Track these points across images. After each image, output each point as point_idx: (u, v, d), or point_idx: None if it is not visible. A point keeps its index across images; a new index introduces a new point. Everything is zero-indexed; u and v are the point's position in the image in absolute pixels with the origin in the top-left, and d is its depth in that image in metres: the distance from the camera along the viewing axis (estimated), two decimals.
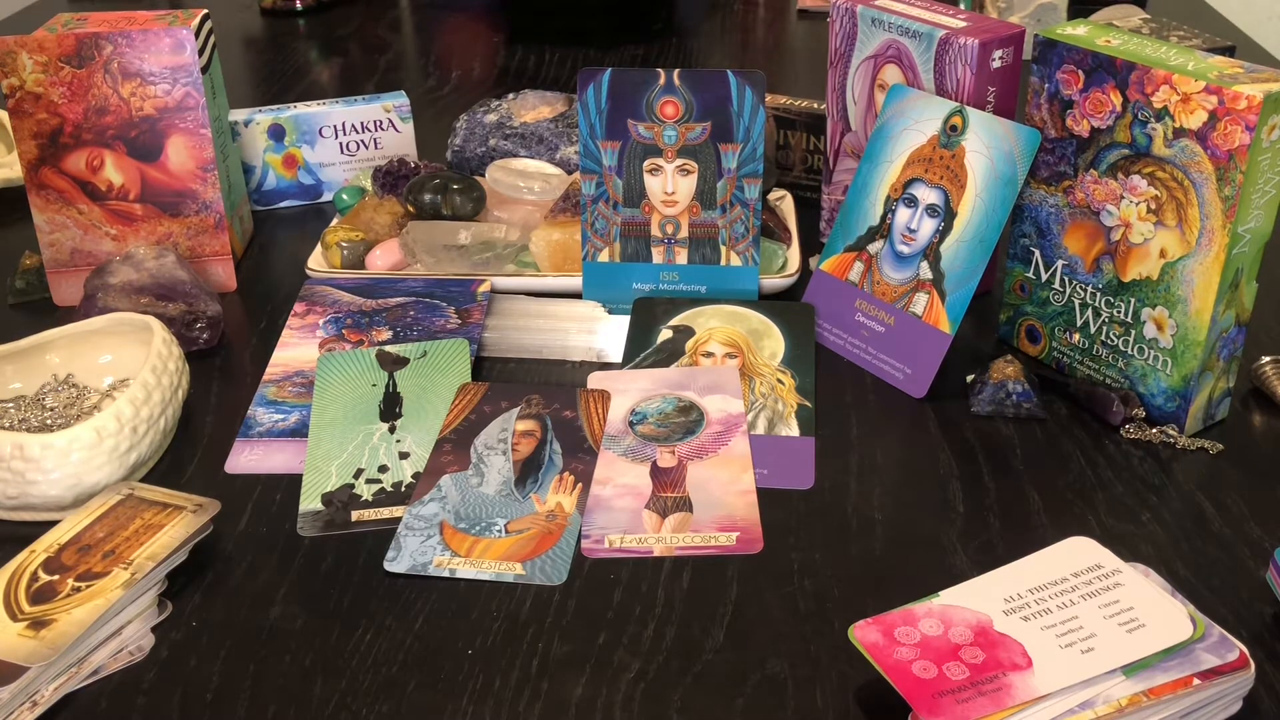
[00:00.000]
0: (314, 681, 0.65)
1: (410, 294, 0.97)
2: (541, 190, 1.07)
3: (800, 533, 0.75)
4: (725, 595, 0.70)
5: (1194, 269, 0.79)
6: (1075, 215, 0.86)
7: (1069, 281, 0.88)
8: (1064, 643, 0.59)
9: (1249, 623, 0.68)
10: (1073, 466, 0.81)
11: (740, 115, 0.95)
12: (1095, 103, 0.83)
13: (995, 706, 0.56)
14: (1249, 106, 0.74)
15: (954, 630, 0.60)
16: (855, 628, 0.61)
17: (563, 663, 0.66)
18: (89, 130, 1.00)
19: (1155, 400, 0.85)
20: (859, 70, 1.01)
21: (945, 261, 0.89)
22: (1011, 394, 0.85)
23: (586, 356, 0.94)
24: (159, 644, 0.68)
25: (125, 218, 1.03)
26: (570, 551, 0.73)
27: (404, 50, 1.73)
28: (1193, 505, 0.78)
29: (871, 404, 0.88)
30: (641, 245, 0.98)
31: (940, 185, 0.90)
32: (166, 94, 1.00)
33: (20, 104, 0.99)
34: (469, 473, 0.80)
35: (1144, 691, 0.57)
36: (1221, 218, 0.77)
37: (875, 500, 0.78)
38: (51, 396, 0.86)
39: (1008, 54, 0.92)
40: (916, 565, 0.73)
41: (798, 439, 0.84)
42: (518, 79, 1.57)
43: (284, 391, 0.89)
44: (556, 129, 1.18)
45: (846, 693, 0.64)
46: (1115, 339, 0.86)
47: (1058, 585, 0.63)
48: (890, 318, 0.91)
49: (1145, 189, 0.81)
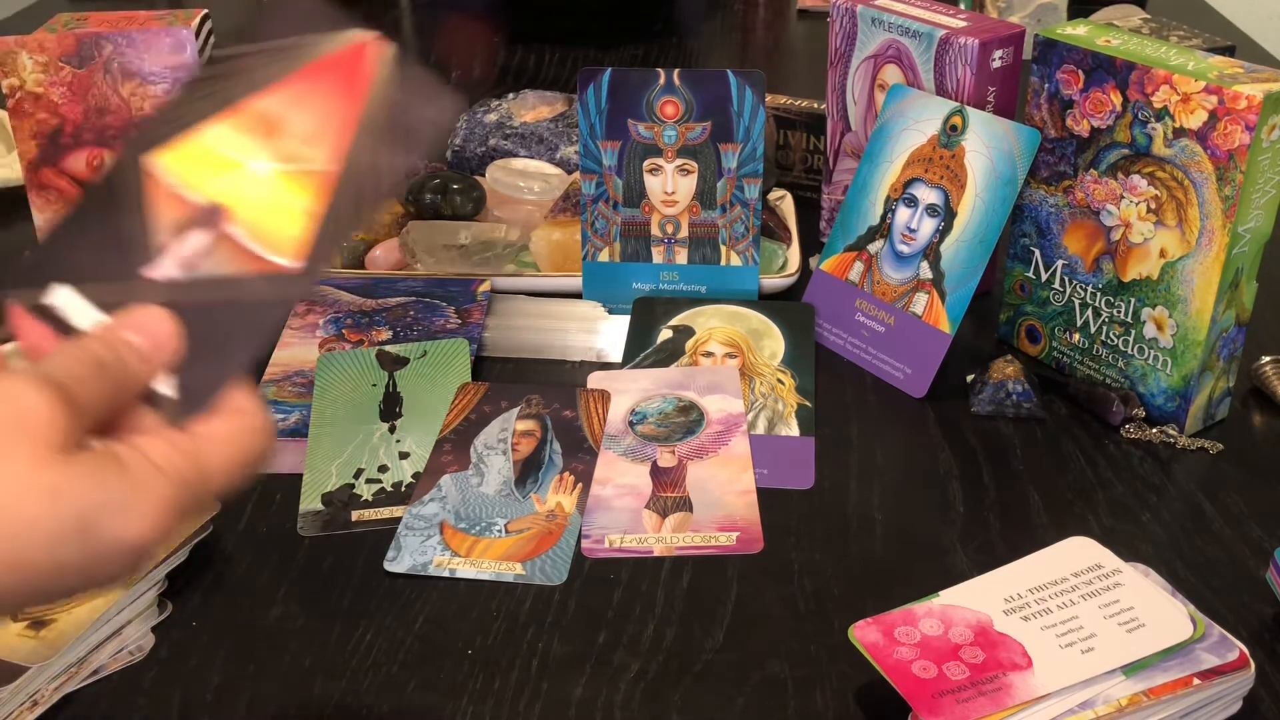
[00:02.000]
0: (314, 681, 0.65)
1: (410, 294, 0.97)
2: (541, 190, 1.07)
3: (800, 533, 0.75)
4: (725, 595, 0.70)
5: (1194, 269, 0.79)
6: (1075, 215, 0.86)
7: (1069, 281, 0.88)
8: (1064, 642, 0.59)
9: (1249, 623, 0.68)
10: (1073, 466, 0.81)
11: (740, 115, 0.95)
12: (1095, 102, 0.83)
13: (995, 706, 0.56)
14: (1249, 106, 0.74)
15: (954, 630, 0.60)
16: (855, 628, 0.61)
17: (563, 663, 0.66)
18: (89, 130, 1.00)
19: (1155, 400, 0.85)
20: (859, 70, 1.01)
21: (945, 261, 0.89)
22: (1011, 394, 0.85)
23: (586, 356, 0.94)
24: (159, 644, 0.68)
25: None
26: (570, 551, 0.73)
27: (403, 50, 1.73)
28: (1193, 505, 0.78)
29: (871, 404, 0.88)
30: (641, 245, 0.98)
31: (940, 185, 0.90)
32: (167, 94, 1.00)
33: (20, 104, 0.99)
34: (469, 473, 0.80)
35: (1144, 691, 0.57)
36: (1221, 217, 0.77)
37: (875, 500, 0.78)
38: None
39: (1008, 54, 0.92)
40: (916, 565, 0.73)
41: (798, 439, 0.84)
42: (517, 79, 1.57)
43: (284, 391, 0.89)
44: (556, 129, 1.18)
45: (846, 693, 0.64)
46: (1115, 339, 0.86)
47: (1058, 585, 0.63)
48: (890, 317, 0.91)
49: (1145, 189, 0.81)
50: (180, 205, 0.46)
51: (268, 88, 0.47)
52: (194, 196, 0.46)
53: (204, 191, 0.46)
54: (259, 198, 0.46)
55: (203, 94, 0.47)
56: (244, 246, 0.46)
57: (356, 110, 0.47)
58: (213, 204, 0.46)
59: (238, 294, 0.45)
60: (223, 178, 0.46)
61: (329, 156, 0.47)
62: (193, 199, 0.46)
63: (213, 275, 0.45)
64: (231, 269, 0.46)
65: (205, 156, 0.47)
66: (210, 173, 0.46)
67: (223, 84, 0.47)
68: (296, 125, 0.47)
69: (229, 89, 0.47)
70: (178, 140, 0.47)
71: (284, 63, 0.48)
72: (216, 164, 0.47)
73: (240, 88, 0.47)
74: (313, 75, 0.48)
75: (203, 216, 0.46)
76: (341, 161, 0.47)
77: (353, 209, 0.46)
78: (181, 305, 0.44)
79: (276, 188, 0.47)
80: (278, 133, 0.47)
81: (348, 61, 0.48)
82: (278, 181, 0.47)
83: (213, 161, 0.47)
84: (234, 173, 0.46)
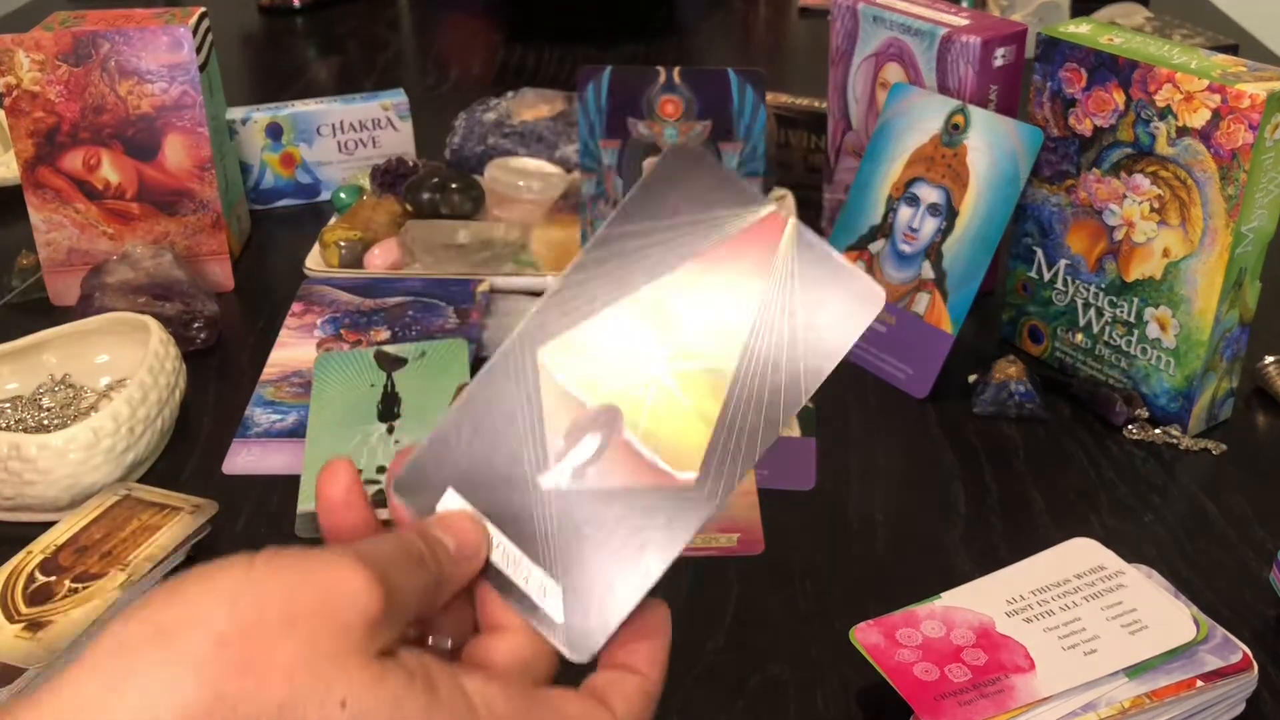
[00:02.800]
0: None
1: (409, 293, 0.97)
2: (541, 189, 1.07)
3: (801, 534, 0.75)
4: (726, 597, 0.70)
5: (1197, 268, 0.79)
6: (1078, 214, 0.86)
7: (1071, 281, 0.88)
8: (1066, 644, 0.59)
9: (1252, 624, 0.67)
10: (1075, 467, 0.81)
11: (741, 114, 0.94)
12: (1098, 101, 0.82)
13: (997, 709, 0.55)
14: (1252, 105, 0.73)
15: (956, 632, 0.60)
16: (856, 629, 0.60)
17: (563, 663, 0.65)
18: (86, 129, 0.99)
19: (1158, 400, 0.84)
20: (860, 68, 1.01)
21: (947, 261, 0.88)
22: (1014, 394, 0.85)
23: None
24: None
25: (122, 217, 1.02)
26: None
27: (403, 48, 1.73)
28: (1196, 506, 0.77)
29: (873, 404, 0.88)
30: None
31: (942, 184, 0.89)
32: (164, 92, 1.00)
33: (17, 102, 0.98)
34: None
35: (1147, 693, 0.57)
36: (1225, 217, 0.77)
37: (877, 501, 0.78)
38: (48, 396, 0.86)
39: (1010, 52, 0.92)
40: (918, 566, 0.72)
41: (799, 439, 0.83)
42: (517, 77, 1.57)
43: (282, 392, 0.89)
44: (556, 127, 1.17)
45: (848, 695, 0.63)
46: (1118, 339, 0.86)
47: (1060, 587, 0.63)
48: (892, 317, 0.91)
49: (1148, 188, 0.81)
50: (573, 405, 0.41)
51: (668, 270, 0.41)
52: (588, 396, 0.41)
53: (597, 391, 0.41)
54: (655, 402, 0.41)
55: (595, 274, 0.41)
56: (640, 455, 0.40)
57: (763, 298, 0.41)
58: (609, 406, 0.41)
59: (631, 510, 0.40)
60: (618, 374, 0.41)
61: (732, 349, 0.41)
62: (586, 399, 0.41)
63: (604, 487, 0.40)
64: (623, 480, 0.40)
65: (600, 349, 0.41)
66: (605, 368, 0.41)
67: (616, 264, 0.41)
68: (698, 315, 0.41)
69: (624, 270, 0.41)
70: (570, 329, 0.41)
71: (685, 239, 0.41)
72: (612, 358, 0.41)
73: (638, 269, 0.41)
74: (716, 256, 0.41)
75: (598, 419, 0.41)
76: (745, 353, 0.41)
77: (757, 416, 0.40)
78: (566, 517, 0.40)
79: (676, 389, 0.41)
80: (677, 324, 0.41)
81: (754, 239, 0.41)
82: (678, 382, 0.41)
83: (608, 355, 0.41)
84: (629, 369, 0.41)
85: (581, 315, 0.41)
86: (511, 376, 0.41)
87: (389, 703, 0.33)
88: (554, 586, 0.40)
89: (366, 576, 0.34)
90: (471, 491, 0.40)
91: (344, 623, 0.33)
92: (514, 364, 0.41)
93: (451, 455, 0.41)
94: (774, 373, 0.41)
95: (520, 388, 0.41)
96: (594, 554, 0.40)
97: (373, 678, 0.33)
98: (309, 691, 0.32)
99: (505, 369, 0.41)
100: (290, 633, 0.32)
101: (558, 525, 0.40)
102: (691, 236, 0.41)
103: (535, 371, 0.41)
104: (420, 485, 0.40)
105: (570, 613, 0.39)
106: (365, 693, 0.32)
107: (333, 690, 0.32)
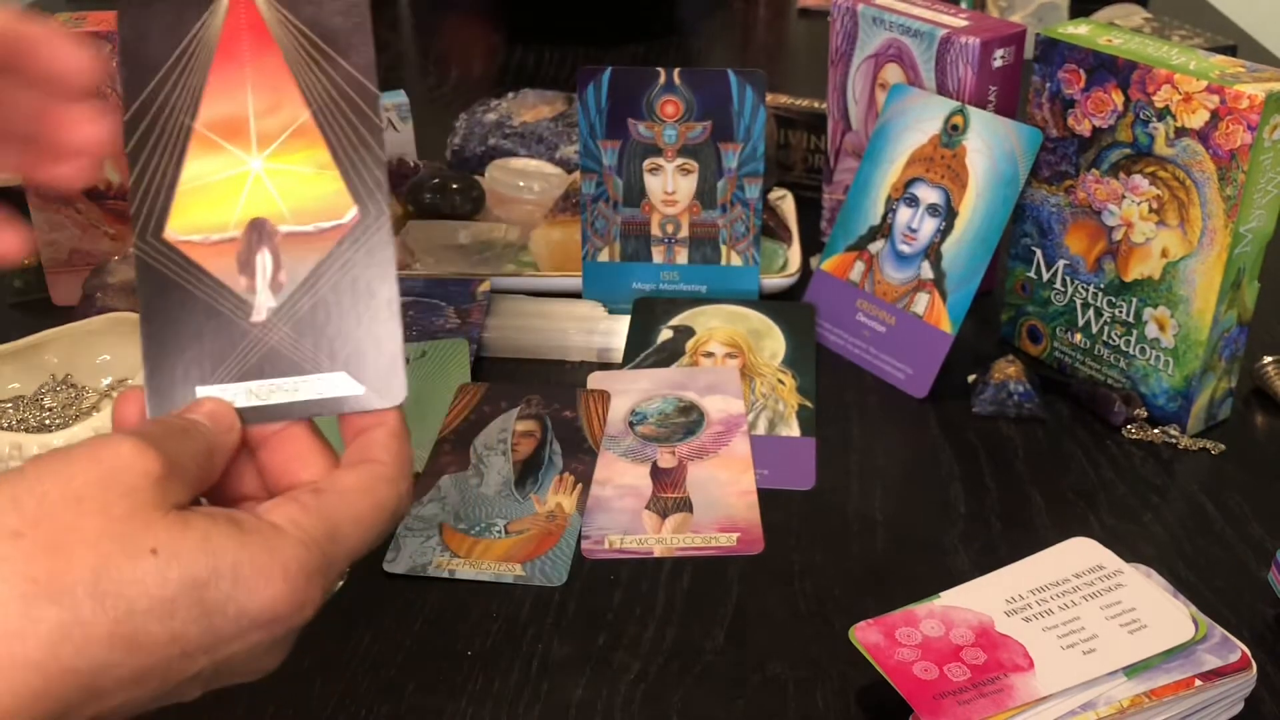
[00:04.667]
0: (313, 683, 0.65)
1: (409, 294, 0.97)
2: (541, 190, 1.07)
3: (801, 533, 0.75)
4: (726, 596, 0.70)
5: (1196, 269, 0.79)
6: (1077, 215, 0.86)
7: (1070, 281, 0.88)
8: (1065, 644, 0.59)
9: (1251, 624, 0.67)
10: (1074, 467, 0.81)
11: (741, 114, 0.94)
12: (1097, 102, 0.82)
13: (996, 708, 0.56)
14: (1251, 106, 0.73)
15: (955, 631, 0.60)
16: (856, 629, 0.61)
17: (562, 664, 0.66)
18: None
19: (1157, 400, 0.84)
20: (860, 69, 1.01)
21: (946, 261, 0.88)
22: (1013, 394, 0.85)
23: (586, 356, 0.94)
24: None
25: (124, 217, 1.03)
26: (570, 552, 0.73)
27: (403, 49, 1.73)
28: (1195, 506, 0.77)
29: (872, 404, 0.88)
30: (641, 245, 0.98)
31: (941, 185, 0.89)
32: None
33: None
34: (469, 473, 0.79)
35: (1146, 693, 0.57)
36: (1223, 217, 0.77)
37: (876, 501, 0.78)
38: (50, 396, 0.86)
39: (1009, 53, 0.92)
40: (917, 566, 0.72)
41: (798, 439, 0.83)
42: (517, 78, 1.57)
43: None
44: (556, 128, 1.18)
45: (847, 694, 0.63)
46: (1117, 339, 0.86)
47: (1059, 586, 0.63)
48: (891, 318, 0.91)
49: (1147, 188, 0.81)
50: (225, 249, 0.44)
51: (199, 97, 0.45)
52: (228, 233, 0.44)
53: (232, 222, 0.44)
54: (280, 188, 0.45)
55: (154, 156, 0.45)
56: (306, 233, 0.44)
57: (278, 52, 0.45)
58: (249, 221, 0.44)
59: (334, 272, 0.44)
60: (236, 197, 0.45)
61: (297, 105, 0.45)
62: (229, 235, 0.44)
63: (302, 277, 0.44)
64: (312, 256, 0.44)
65: (203, 190, 0.45)
66: (224, 202, 0.45)
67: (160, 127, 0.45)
68: (253, 105, 0.45)
69: (172, 122, 0.45)
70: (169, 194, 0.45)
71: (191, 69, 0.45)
72: (217, 189, 0.45)
73: (178, 109, 0.45)
74: (224, 57, 0.45)
75: (253, 240, 0.44)
76: (309, 100, 0.45)
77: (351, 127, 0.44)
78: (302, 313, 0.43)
79: (285, 168, 0.45)
80: (242, 124, 0.45)
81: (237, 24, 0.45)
82: (281, 162, 0.45)
83: (213, 189, 0.45)
84: (242, 185, 0.45)
85: (169, 181, 0.44)
86: (158, 277, 0.44)
87: (197, 540, 0.35)
88: (334, 375, 0.43)
89: (134, 443, 0.37)
90: (211, 376, 0.43)
91: (129, 485, 0.35)
92: (153, 266, 0.44)
93: (172, 372, 0.43)
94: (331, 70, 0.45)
95: (173, 274, 0.44)
96: (339, 325, 0.43)
97: (175, 522, 0.36)
98: (117, 550, 0.34)
99: (150, 278, 0.44)
100: (81, 508, 0.35)
101: (296, 334, 0.44)
102: (193, 65, 0.45)
103: (173, 250, 0.44)
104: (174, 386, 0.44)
105: (361, 376, 0.44)
106: (172, 538, 0.35)
107: (140, 542, 0.35)
